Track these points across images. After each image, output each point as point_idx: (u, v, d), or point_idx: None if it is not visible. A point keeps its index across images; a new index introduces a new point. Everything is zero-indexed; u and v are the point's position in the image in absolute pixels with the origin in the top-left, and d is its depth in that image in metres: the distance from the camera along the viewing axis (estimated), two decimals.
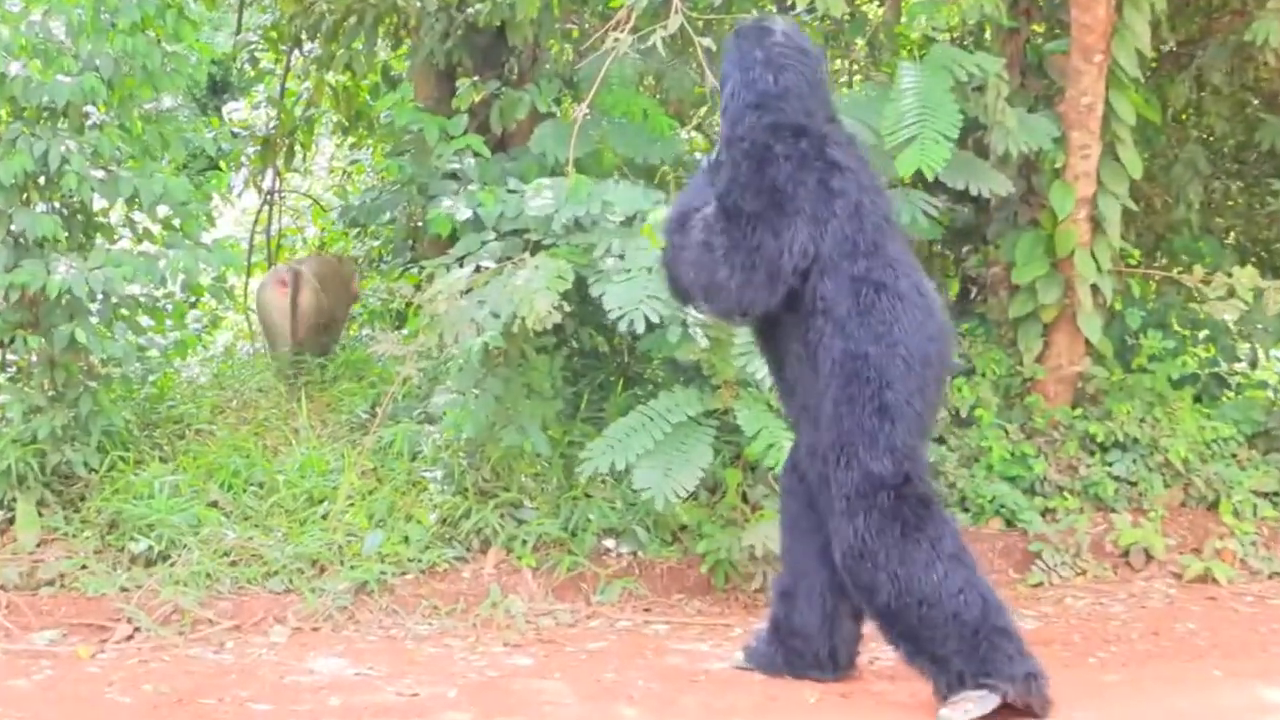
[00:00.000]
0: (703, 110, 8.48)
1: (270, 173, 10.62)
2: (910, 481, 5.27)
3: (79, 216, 7.13)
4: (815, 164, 5.38)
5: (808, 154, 5.39)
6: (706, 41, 6.84)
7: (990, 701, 5.15)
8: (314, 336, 8.89)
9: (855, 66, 9.66)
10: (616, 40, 6.59)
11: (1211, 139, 10.06)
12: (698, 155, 8.29)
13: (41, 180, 6.91)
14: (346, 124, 10.28)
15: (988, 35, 8.66)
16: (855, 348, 5.26)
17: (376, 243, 11.41)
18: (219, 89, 12.89)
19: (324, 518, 6.99)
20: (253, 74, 10.91)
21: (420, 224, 8.71)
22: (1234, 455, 8.17)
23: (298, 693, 5.61)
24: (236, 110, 11.95)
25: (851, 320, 5.28)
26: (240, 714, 5.40)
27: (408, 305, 8.28)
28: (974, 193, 7.64)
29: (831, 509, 5.38)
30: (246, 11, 10.68)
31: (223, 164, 10.88)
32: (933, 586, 5.19)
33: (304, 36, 9.43)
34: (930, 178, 7.00)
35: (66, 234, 6.90)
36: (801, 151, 5.39)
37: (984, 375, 8.12)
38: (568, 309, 6.49)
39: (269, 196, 10.74)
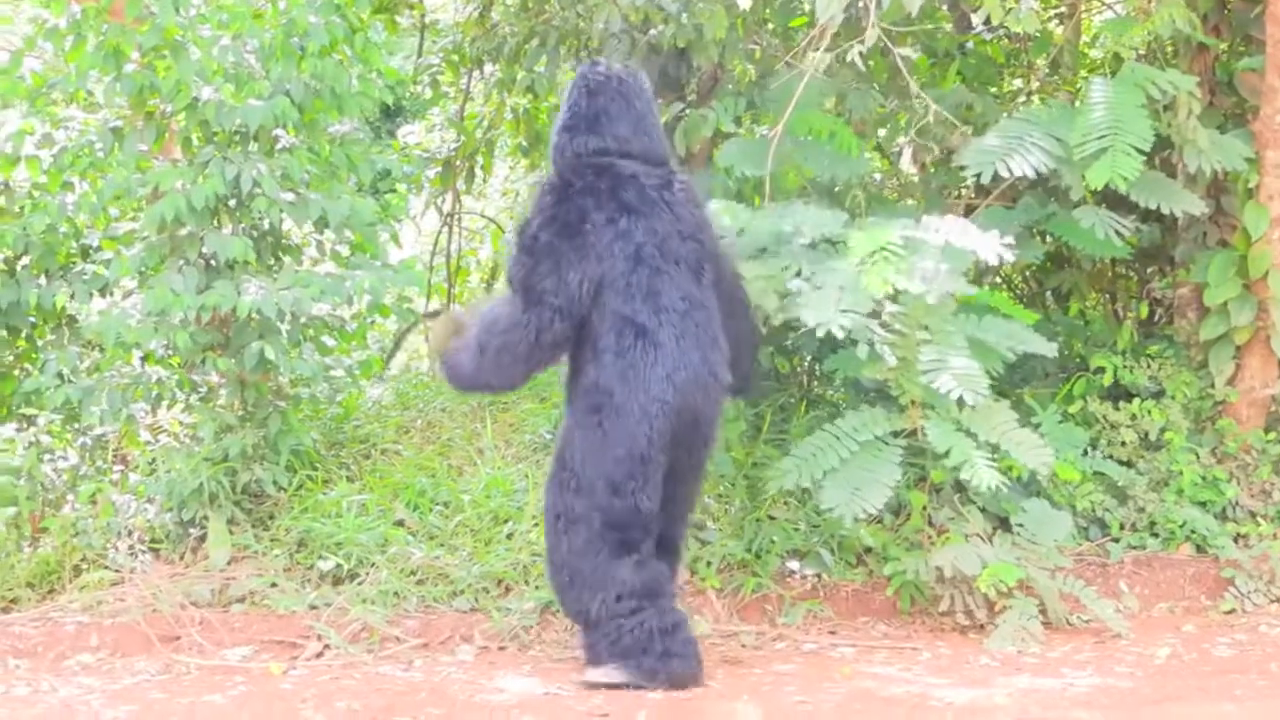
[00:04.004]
0: (883, 130, 8.45)
1: (449, 195, 10.69)
2: (618, 515, 5.77)
3: (268, 238, 7.22)
4: (608, 204, 5.81)
5: (602, 193, 5.82)
6: (905, 51, 6.82)
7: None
8: None
9: (1036, 85, 9.52)
10: (813, 58, 6.59)
11: None
12: (876, 176, 8.26)
13: (231, 203, 7.00)
14: (526, 146, 10.32)
15: (1169, 51, 8.50)
16: (605, 382, 5.75)
17: None
18: (390, 113, 12.99)
19: (509, 537, 7.01)
20: (429, 97, 10.98)
21: None
22: None
23: (489, 712, 5.61)
24: (411, 134, 12.03)
25: (608, 354, 5.74)
26: None
27: None
28: (1165, 212, 7.52)
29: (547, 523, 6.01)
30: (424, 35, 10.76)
31: (397, 186, 10.97)
32: (613, 606, 5.79)
33: (485, 59, 9.49)
34: (1123, 189, 6.95)
35: (256, 255, 6.99)
36: (597, 190, 5.83)
37: (1174, 398, 7.95)
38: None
39: (448, 219, 10.82)
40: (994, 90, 9.13)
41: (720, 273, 6.15)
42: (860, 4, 6.75)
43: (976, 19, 7.38)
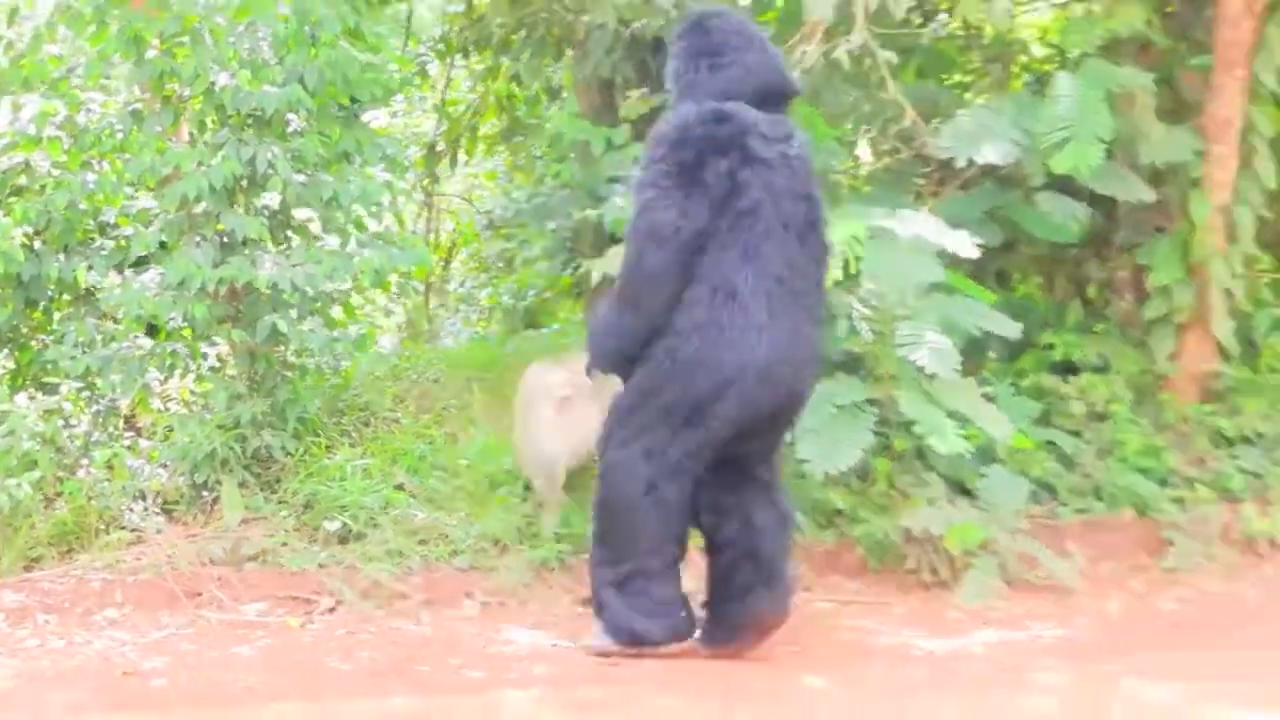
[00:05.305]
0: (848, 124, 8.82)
1: (429, 177, 11.03)
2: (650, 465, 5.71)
3: (279, 217, 7.56)
4: (730, 151, 5.53)
5: (722, 140, 5.53)
6: (888, 54, 7.20)
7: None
8: None
9: (974, 80, 9.89)
10: (804, 54, 6.97)
11: None
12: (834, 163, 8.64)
13: (244, 183, 7.34)
14: (507, 132, 10.65)
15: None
16: (686, 332, 5.56)
17: (510, 245, 11.71)
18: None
19: (503, 500, 7.32)
20: (394, 85, 11.28)
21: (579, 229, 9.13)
22: None
23: (505, 661, 5.96)
24: (375, 119, 12.29)
25: (699, 308, 5.53)
26: (457, 680, 5.74)
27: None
28: (1120, 200, 8.00)
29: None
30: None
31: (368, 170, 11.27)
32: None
33: (471, 48, 9.80)
34: (1088, 177, 7.38)
35: (270, 233, 7.35)
36: (718, 137, 5.53)
37: (1118, 373, 8.46)
38: None
39: (429, 200, 11.18)
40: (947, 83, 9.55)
41: (822, 240, 5.93)
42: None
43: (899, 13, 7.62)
